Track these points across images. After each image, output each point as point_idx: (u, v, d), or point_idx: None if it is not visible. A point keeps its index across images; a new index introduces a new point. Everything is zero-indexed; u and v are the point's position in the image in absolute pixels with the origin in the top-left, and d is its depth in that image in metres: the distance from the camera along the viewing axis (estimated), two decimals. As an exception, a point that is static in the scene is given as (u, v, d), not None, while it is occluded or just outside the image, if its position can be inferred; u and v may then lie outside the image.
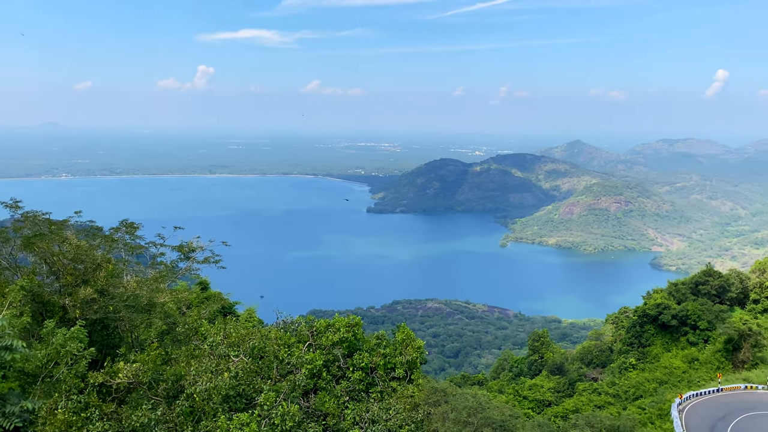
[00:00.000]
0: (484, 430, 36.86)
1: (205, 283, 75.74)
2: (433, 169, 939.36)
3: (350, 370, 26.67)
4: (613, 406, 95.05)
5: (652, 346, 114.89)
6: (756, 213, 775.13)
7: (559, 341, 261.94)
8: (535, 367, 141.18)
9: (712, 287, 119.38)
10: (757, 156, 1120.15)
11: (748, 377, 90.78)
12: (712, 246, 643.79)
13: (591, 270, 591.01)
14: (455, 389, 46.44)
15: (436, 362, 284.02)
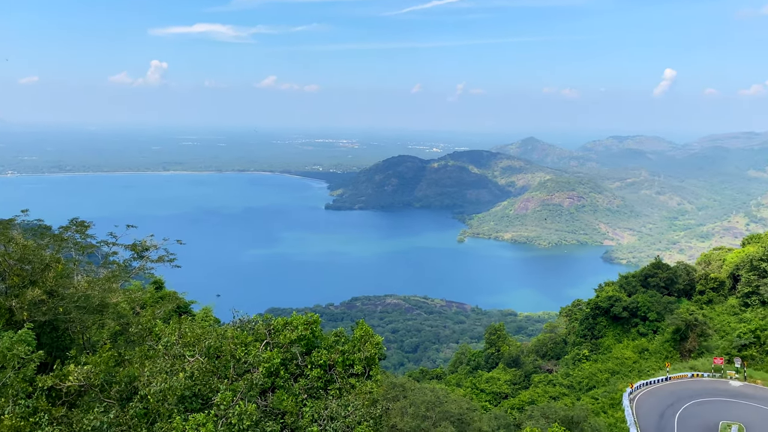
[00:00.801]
0: (442, 424, 37.27)
1: (159, 282, 74.16)
2: (392, 165, 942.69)
3: (308, 367, 26.59)
4: (568, 396, 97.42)
5: (605, 337, 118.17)
6: (702, 207, 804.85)
7: (515, 334, 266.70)
8: (492, 360, 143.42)
9: (661, 279, 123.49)
10: (702, 152, 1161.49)
11: (695, 365, 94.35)
12: (661, 239, 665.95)
13: (545, 264, 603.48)
14: (414, 384, 46.83)
15: (395, 357, 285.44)
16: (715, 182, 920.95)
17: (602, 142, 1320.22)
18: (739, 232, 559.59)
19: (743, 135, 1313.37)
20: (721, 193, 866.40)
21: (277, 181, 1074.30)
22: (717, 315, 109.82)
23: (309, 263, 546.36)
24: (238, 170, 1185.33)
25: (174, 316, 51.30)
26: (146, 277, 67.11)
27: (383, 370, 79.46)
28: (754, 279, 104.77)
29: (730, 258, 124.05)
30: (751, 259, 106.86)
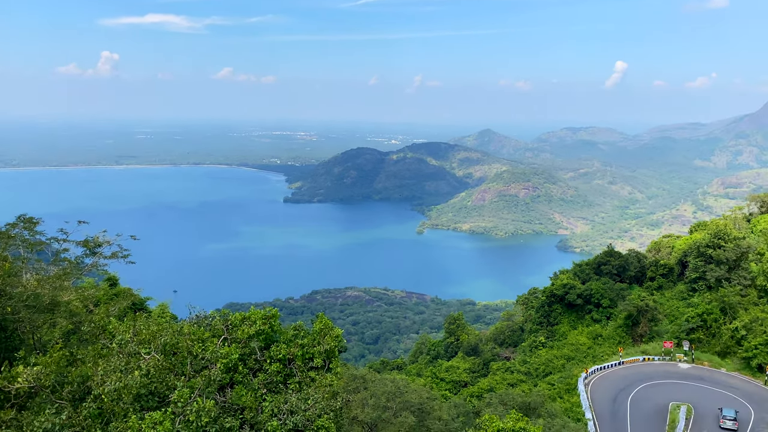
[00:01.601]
0: (402, 414, 37.63)
1: (113, 279, 72.34)
2: (350, 158, 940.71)
3: (267, 362, 26.45)
4: (525, 383, 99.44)
5: (560, 324, 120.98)
6: (652, 196, 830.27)
7: (473, 323, 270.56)
8: (452, 349, 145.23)
9: (613, 267, 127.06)
10: (652, 143, 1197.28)
11: (646, 350, 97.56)
12: (613, 228, 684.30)
13: (503, 253, 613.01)
14: (374, 375, 47.09)
15: (356, 349, 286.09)
16: (664, 172, 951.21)
17: (556, 134, 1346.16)
18: (687, 219, 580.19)
19: (690, 126, 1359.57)
20: (669, 183, 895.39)
21: (234, 174, 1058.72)
22: (667, 300, 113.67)
23: (268, 257, 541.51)
24: (194, 163, 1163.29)
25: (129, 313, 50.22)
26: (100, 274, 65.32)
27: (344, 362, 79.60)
28: (701, 265, 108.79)
29: (679, 245, 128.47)
30: (698, 246, 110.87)
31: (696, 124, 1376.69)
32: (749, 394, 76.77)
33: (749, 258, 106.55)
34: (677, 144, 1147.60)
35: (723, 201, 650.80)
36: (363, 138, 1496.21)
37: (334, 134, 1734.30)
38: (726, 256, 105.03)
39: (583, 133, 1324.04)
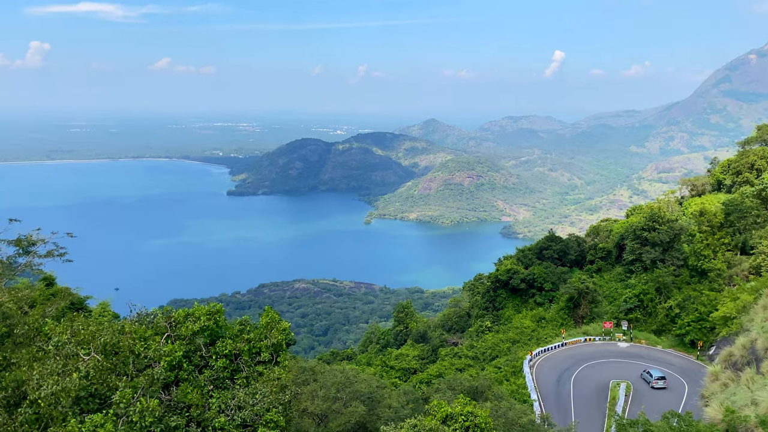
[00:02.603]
0: (352, 404, 37.81)
1: (50, 278, 69.34)
2: (295, 149, 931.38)
3: (213, 358, 26.03)
4: (473, 367, 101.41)
5: (505, 308, 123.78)
6: (590, 182, 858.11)
7: (422, 311, 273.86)
8: (401, 337, 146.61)
9: (555, 251, 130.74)
10: (589, 130, 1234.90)
11: (587, 331, 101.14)
12: (554, 214, 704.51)
13: (449, 241, 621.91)
14: (324, 367, 47.08)
15: (305, 342, 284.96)
16: (601, 158, 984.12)
17: (498, 122, 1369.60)
18: (623, 204, 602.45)
19: (625, 113, 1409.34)
20: (606, 168, 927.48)
21: (175, 167, 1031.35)
22: (606, 282, 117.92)
23: (214, 251, 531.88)
24: (132, 157, 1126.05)
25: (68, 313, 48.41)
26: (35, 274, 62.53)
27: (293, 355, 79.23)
28: (637, 247, 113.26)
29: (616, 228, 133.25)
30: (634, 229, 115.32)
31: (631, 111, 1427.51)
32: (683, 369, 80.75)
33: (681, 239, 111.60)
34: (613, 131, 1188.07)
35: (657, 185, 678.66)
36: (308, 128, 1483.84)
37: (277, 125, 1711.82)
38: (660, 238, 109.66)
39: (524, 121, 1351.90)
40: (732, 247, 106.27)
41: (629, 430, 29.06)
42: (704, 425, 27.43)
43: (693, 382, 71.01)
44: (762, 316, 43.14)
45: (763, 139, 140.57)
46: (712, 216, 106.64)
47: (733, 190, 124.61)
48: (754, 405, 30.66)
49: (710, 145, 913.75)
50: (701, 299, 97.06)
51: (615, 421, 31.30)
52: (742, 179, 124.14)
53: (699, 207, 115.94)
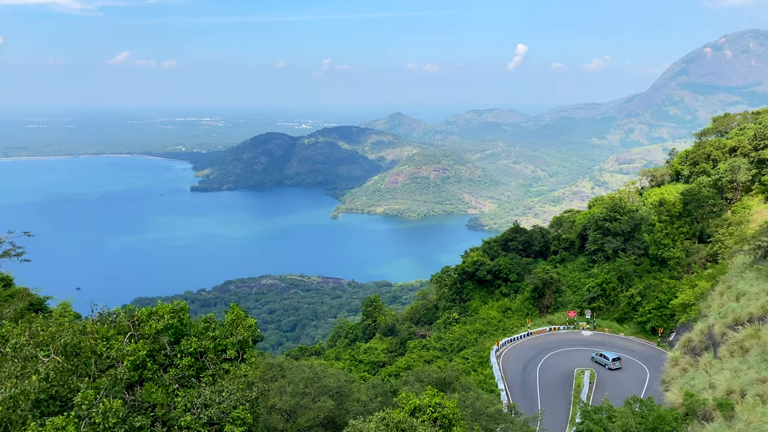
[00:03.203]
0: (321, 399, 37.73)
1: (7, 279, 67.25)
2: (260, 143, 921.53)
3: (178, 356, 25.64)
4: (441, 359, 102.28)
5: (472, 300, 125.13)
6: (553, 174, 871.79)
7: (390, 304, 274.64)
8: (369, 331, 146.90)
9: (519, 243, 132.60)
10: (552, 123, 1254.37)
11: (552, 320, 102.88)
12: (518, 206, 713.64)
13: (417, 234, 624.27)
14: (292, 362, 46.85)
15: (273, 338, 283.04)
16: (563, 150, 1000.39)
17: (463, 116, 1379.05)
18: (585, 195, 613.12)
19: (587, 106, 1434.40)
20: (569, 161, 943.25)
21: (137, 163, 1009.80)
22: (569, 272, 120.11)
23: (178, 248, 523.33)
24: (92, 153, 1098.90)
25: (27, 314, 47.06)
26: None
27: (260, 351, 78.55)
28: (599, 237, 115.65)
29: (579, 219, 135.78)
30: (596, 220, 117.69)
31: (592, 104, 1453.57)
32: (645, 355, 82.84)
33: (642, 229, 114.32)
34: (575, 123, 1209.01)
35: (618, 176, 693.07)
36: (272, 123, 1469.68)
37: (242, 119, 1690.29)
38: (621, 228, 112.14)
39: (488, 115, 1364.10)
40: (690, 236, 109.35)
41: (594, 417, 29.69)
42: (665, 409, 28.21)
43: (654, 367, 72.92)
44: (719, 302, 44.52)
45: (718, 131, 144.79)
46: (671, 206, 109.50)
47: (690, 180, 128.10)
48: (712, 388, 31.63)
49: (669, 136, 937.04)
50: (661, 287, 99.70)
51: (580, 408, 31.93)
52: (699, 169, 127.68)
53: (658, 197, 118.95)
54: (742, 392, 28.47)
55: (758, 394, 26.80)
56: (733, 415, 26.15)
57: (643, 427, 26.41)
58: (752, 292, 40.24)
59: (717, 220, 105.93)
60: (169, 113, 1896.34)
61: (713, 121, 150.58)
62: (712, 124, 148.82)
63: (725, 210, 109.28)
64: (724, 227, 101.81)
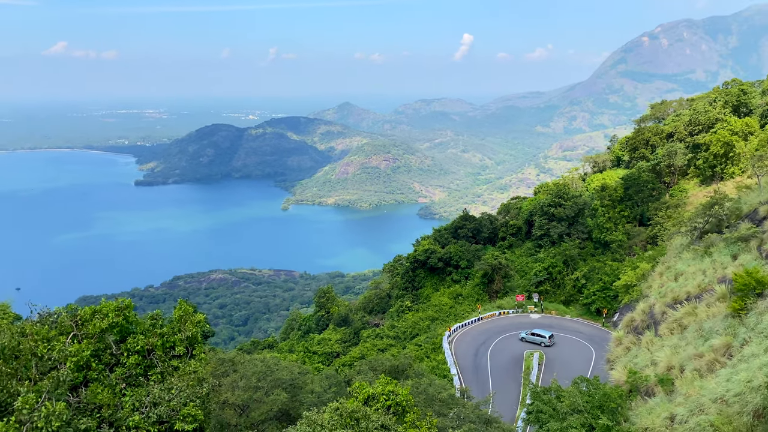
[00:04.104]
0: (274, 392, 37.46)
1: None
2: (206, 135, 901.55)
3: (125, 355, 24.97)
4: (394, 347, 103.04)
5: (424, 287, 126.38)
6: (500, 162, 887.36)
7: (343, 294, 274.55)
8: (323, 322, 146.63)
9: (469, 230, 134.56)
10: (498, 112, 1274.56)
11: (501, 304, 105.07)
12: (467, 194, 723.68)
13: (369, 224, 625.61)
14: (244, 357, 46.29)
15: (225, 333, 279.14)
16: (509, 139, 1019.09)
17: (411, 106, 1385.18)
18: (531, 182, 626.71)
19: (531, 95, 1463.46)
20: (515, 148, 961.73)
21: (78, 158, 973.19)
22: (517, 257, 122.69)
23: (124, 244, 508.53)
24: (29, 148, 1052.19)
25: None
26: None
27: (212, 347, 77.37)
28: (545, 223, 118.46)
29: (525, 206, 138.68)
30: (541, 206, 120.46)
31: (536, 92, 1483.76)
32: (590, 336, 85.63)
33: (585, 214, 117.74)
34: (520, 112, 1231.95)
35: (562, 163, 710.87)
36: (218, 114, 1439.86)
37: (186, 111, 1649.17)
38: (566, 213, 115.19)
39: (436, 104, 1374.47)
40: (631, 219, 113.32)
41: (543, 397, 30.49)
42: (610, 387, 29.23)
43: (599, 347, 75.43)
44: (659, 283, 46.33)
45: (656, 117, 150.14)
46: (613, 191, 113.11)
47: (631, 165, 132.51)
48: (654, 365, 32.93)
49: (610, 123, 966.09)
50: (605, 269, 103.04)
51: (530, 389, 32.75)
52: (638, 155, 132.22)
53: (600, 183, 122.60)
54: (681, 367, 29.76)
55: (696, 369, 28.08)
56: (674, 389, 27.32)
57: (590, 405, 27.31)
58: (689, 271, 42.04)
59: (656, 204, 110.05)
60: (111, 105, 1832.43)
61: (651, 108, 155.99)
62: (650, 111, 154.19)
63: (663, 193, 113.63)
64: (662, 210, 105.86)
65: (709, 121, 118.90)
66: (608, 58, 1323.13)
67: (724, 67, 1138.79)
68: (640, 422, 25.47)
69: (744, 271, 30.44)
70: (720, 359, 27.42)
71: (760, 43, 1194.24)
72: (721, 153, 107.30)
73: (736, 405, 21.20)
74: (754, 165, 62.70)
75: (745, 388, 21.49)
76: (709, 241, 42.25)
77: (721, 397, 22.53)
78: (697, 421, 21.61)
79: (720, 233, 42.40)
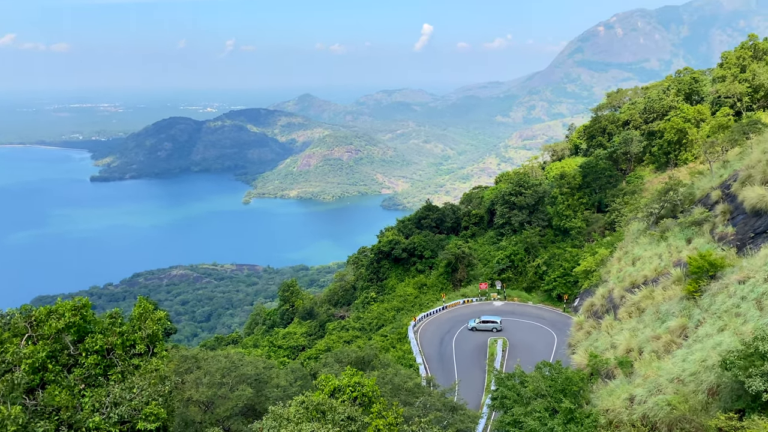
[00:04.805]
0: (239, 387, 37.11)
1: None
2: (163, 128, 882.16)
3: (83, 355, 24.35)
4: (360, 338, 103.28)
5: (389, 278, 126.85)
6: (462, 152, 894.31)
7: (308, 287, 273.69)
8: (287, 316, 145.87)
9: (432, 220, 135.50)
10: (458, 102, 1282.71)
11: (465, 293, 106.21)
12: (430, 184, 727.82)
13: (332, 216, 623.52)
14: (207, 353, 45.74)
15: (187, 329, 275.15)
16: (471, 129, 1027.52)
17: (373, 96, 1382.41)
18: (492, 171, 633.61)
19: (490, 84, 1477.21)
20: (476, 138, 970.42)
21: (29, 154, 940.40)
22: (480, 246, 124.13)
23: (81, 242, 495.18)
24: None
25: None
26: None
27: (175, 344, 76.21)
28: (506, 211, 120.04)
29: (487, 195, 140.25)
30: (503, 195, 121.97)
31: (495, 82, 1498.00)
32: (552, 321, 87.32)
33: (545, 201, 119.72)
34: (481, 102, 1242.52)
35: (522, 152, 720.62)
36: (175, 107, 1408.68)
37: (143, 104, 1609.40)
38: (526, 201, 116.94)
39: (398, 95, 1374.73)
40: (589, 206, 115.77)
41: (507, 383, 30.93)
42: (572, 371, 29.82)
43: (561, 332, 76.99)
44: (617, 268, 47.42)
45: (612, 105, 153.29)
46: (571, 178, 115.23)
47: (588, 153, 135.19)
48: (613, 348, 33.73)
49: (568, 112, 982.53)
50: (565, 256, 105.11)
51: (494, 375, 33.19)
52: (596, 143, 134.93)
53: (559, 171, 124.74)
54: (639, 350, 30.57)
55: (654, 350, 28.88)
56: (633, 371, 28.03)
57: (553, 390, 27.82)
58: (646, 256, 43.15)
59: (613, 191, 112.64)
60: (63, 99, 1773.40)
61: (607, 96, 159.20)
62: (606, 100, 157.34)
63: (620, 180, 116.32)
64: (619, 197, 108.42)
65: (663, 109, 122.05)
66: (565, 48, 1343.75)
67: (677, 56, 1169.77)
68: (601, 404, 26.08)
69: (698, 255, 31.38)
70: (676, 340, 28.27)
71: (710, 32, 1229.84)
72: (675, 140, 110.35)
73: (692, 384, 21.88)
74: (706, 151, 64.62)
75: (700, 368, 22.20)
76: (665, 226, 43.43)
77: (677, 376, 23.23)
78: (655, 400, 22.23)
79: (675, 218, 43.61)
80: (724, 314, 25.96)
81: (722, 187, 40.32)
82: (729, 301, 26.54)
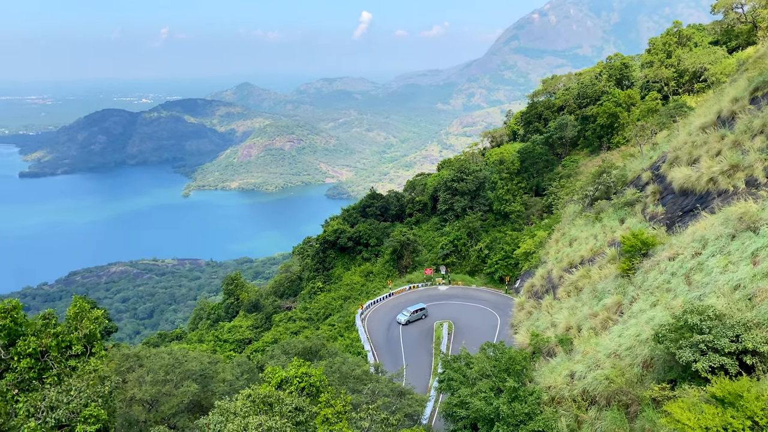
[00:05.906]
0: (184, 384, 36.37)
1: None
2: (96, 121, 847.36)
3: (15, 359, 23.34)
4: (308, 329, 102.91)
5: (335, 267, 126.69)
6: (404, 140, 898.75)
7: (253, 280, 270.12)
8: (232, 309, 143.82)
9: (377, 208, 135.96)
10: (399, 90, 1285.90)
11: (411, 279, 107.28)
12: (374, 172, 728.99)
13: (276, 207, 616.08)
14: (150, 350, 44.53)
15: (129, 327, 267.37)
16: (412, 116, 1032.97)
17: (314, 85, 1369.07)
18: (434, 158, 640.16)
19: (430, 72, 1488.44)
20: (417, 126, 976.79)
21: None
22: (424, 232, 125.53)
23: (11, 240, 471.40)
24: None
25: None
26: None
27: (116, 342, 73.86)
28: (448, 198, 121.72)
29: (430, 182, 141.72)
30: (445, 182, 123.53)
31: (435, 70, 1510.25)
32: (495, 303, 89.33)
33: (486, 187, 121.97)
34: (421, 90, 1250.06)
35: (462, 139, 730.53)
36: (108, 98, 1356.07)
37: (73, 96, 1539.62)
38: (468, 187, 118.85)
39: (339, 83, 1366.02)
40: (528, 190, 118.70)
41: (453, 365, 31.49)
42: (515, 350, 30.63)
43: (504, 313, 78.92)
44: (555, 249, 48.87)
45: (547, 92, 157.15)
46: (510, 164, 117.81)
47: (526, 139, 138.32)
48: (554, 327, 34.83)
49: (505, 99, 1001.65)
50: (505, 239, 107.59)
51: (441, 358, 33.75)
52: (532, 128, 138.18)
53: (498, 156, 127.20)
54: (578, 327, 31.69)
55: (591, 327, 29.99)
56: (572, 348, 29.05)
57: (497, 369, 28.53)
58: (582, 237, 44.63)
59: (550, 175, 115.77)
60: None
61: (543, 83, 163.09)
62: (541, 86, 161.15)
63: (557, 165, 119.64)
64: (556, 180, 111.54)
65: (596, 94, 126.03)
66: (501, 35, 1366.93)
67: (608, 42, 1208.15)
68: (543, 381, 26.93)
69: (630, 234, 32.71)
70: (612, 317, 29.45)
71: (638, 19, 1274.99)
72: (608, 124, 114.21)
73: (628, 358, 22.89)
74: (637, 134, 67.18)
75: (635, 342, 23.23)
76: (599, 207, 44.99)
77: (614, 351, 24.24)
78: (594, 375, 23.14)
79: (609, 200, 45.22)
80: (656, 290, 27.20)
81: (652, 169, 42.06)
82: (660, 277, 27.81)
